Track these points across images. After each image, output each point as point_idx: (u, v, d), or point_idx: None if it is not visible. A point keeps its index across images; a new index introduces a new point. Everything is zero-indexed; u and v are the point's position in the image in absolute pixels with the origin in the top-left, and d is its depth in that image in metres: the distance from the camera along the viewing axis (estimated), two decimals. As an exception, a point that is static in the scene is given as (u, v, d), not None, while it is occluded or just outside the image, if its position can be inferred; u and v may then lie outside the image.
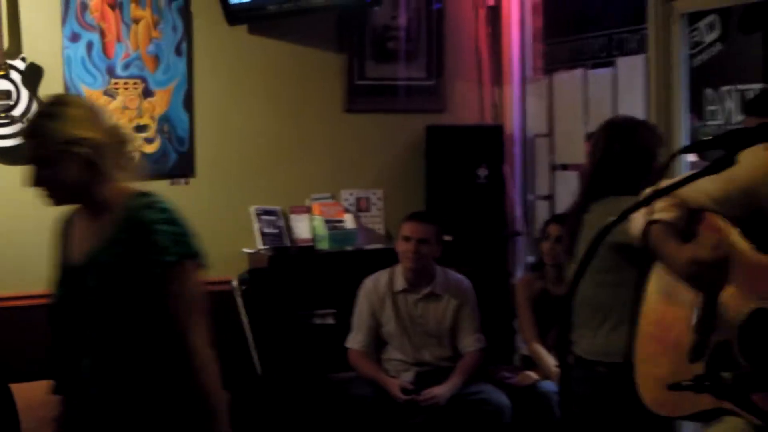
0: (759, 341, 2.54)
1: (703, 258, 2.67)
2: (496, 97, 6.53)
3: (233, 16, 5.81)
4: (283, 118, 6.08)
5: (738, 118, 4.90)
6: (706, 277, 2.68)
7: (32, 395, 4.76)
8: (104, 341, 2.97)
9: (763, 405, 2.32)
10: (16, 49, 5.44)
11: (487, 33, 6.50)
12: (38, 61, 5.50)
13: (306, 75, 6.12)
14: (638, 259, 3.59)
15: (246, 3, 5.80)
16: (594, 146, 4.11)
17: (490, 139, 6.31)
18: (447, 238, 5.68)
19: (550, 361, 5.22)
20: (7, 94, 5.43)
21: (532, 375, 5.37)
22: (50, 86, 5.50)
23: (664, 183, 2.53)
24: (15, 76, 5.42)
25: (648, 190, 2.54)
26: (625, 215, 2.35)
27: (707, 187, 2.72)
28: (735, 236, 2.71)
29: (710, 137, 3.91)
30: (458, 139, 6.24)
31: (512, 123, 6.49)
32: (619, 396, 3.75)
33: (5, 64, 5.41)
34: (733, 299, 2.66)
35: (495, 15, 6.48)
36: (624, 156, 3.94)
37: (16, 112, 5.43)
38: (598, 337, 3.90)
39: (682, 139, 5.21)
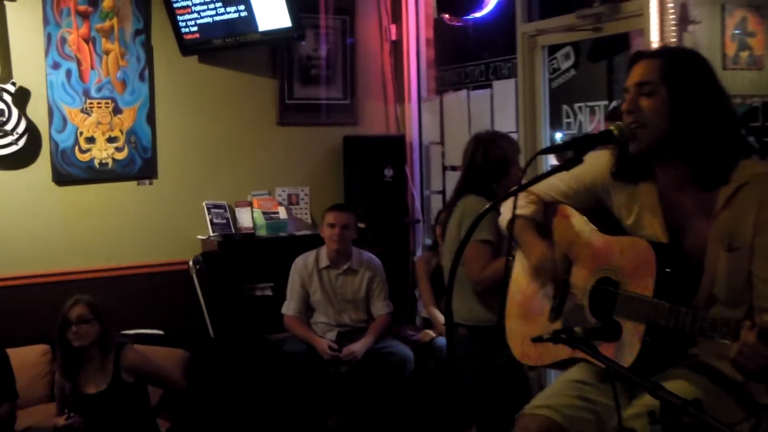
0: (603, 303, 2.55)
1: (542, 269, 2.81)
2: (399, 112, 6.58)
3: (186, 48, 5.82)
4: (228, 130, 6.09)
5: (588, 128, 4.99)
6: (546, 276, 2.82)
7: (25, 358, 4.77)
8: None
9: (606, 352, 2.24)
10: (7, 75, 5.34)
11: (390, 62, 6.56)
12: (26, 85, 5.45)
13: (246, 95, 6.13)
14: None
15: (196, 38, 5.75)
16: (464, 154, 4.20)
17: (394, 146, 6.37)
18: (361, 225, 5.72)
19: (443, 321, 5.21)
20: (0, 112, 5.39)
21: (430, 333, 5.46)
22: (36, 106, 5.48)
23: (525, 180, 2.55)
24: (7, 97, 5.32)
25: (514, 188, 2.51)
26: (494, 206, 2.47)
27: (559, 185, 2.76)
28: (581, 221, 2.74)
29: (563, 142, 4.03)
30: (369, 147, 6.28)
31: (412, 133, 6.54)
32: (475, 352, 3.97)
33: (-2, 87, 5.38)
34: (582, 271, 2.68)
35: (397, 48, 6.54)
36: (484, 163, 4.07)
37: (8, 127, 5.37)
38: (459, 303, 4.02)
39: (545, 144, 5.28)
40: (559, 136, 5.24)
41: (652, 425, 2.04)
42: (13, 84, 5.40)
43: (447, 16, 5.92)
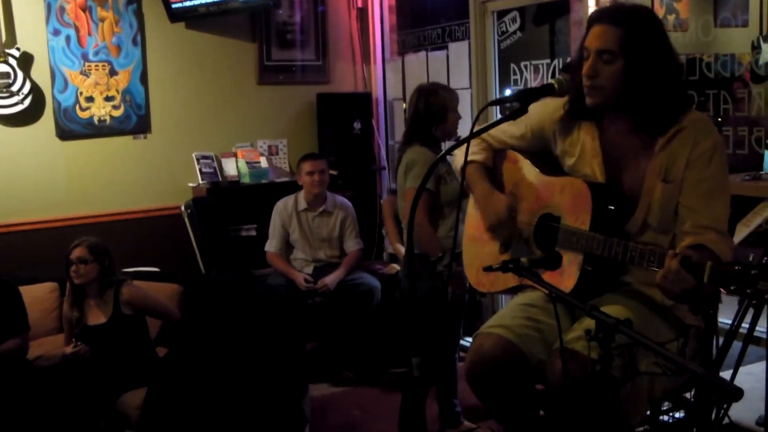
0: (546, 236, 2.57)
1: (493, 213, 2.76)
2: (365, 72, 6.54)
3: (174, 15, 5.74)
4: (213, 89, 6.03)
5: (533, 83, 5.00)
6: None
7: (35, 294, 4.73)
8: None
9: (549, 279, 2.27)
10: (11, 41, 5.31)
11: (357, 27, 6.50)
12: (29, 50, 5.39)
13: (229, 58, 6.07)
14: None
15: (183, 6, 5.68)
16: (409, 103, 4.14)
17: (362, 102, 6.33)
18: (333, 172, 5.72)
19: None
20: (7, 75, 5.29)
21: (395, 267, 5.43)
22: (39, 68, 5.43)
23: (477, 128, 2.50)
24: (12, 61, 5.29)
25: (466, 135, 2.46)
26: (450, 151, 2.46)
27: (509, 129, 2.73)
28: (527, 165, 2.74)
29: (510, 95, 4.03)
30: (339, 103, 6.24)
31: (377, 90, 6.51)
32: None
33: (4, 52, 5.28)
34: (528, 208, 2.68)
35: (363, 14, 6.49)
36: (426, 110, 3.99)
37: (14, 88, 5.31)
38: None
39: (495, 98, 5.24)
40: (507, 91, 5.23)
41: (588, 342, 2.06)
42: (18, 49, 5.36)
43: (407, -15, 5.86)
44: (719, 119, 3.83)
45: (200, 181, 5.84)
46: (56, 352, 4.14)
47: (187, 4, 5.70)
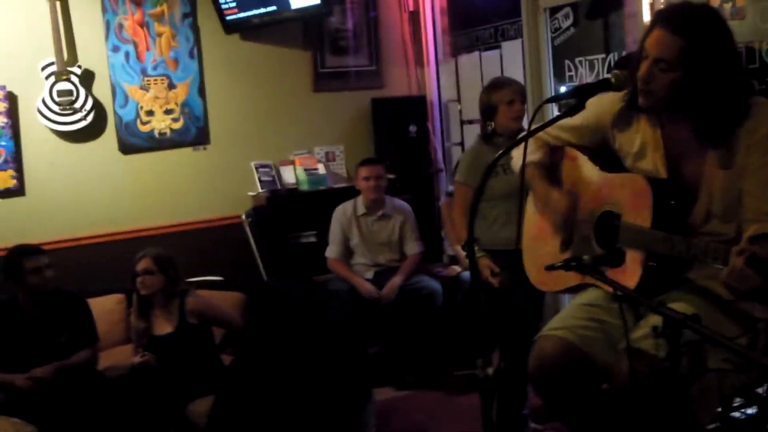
0: (607, 234, 2.55)
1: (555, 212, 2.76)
2: (419, 75, 6.50)
3: (229, 27, 5.76)
4: (269, 98, 6.03)
5: (588, 79, 4.91)
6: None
7: (103, 306, 4.78)
8: None
9: (613, 276, 2.25)
10: (73, 59, 5.40)
11: (409, 30, 6.45)
12: (90, 67, 5.46)
13: (283, 67, 6.07)
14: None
15: (237, 18, 5.71)
16: (480, 100, 4.13)
17: (416, 105, 6.32)
18: (391, 176, 5.69)
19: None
20: (69, 92, 5.38)
21: (456, 268, 5.41)
22: (100, 85, 5.50)
23: (534, 126, 2.49)
24: (74, 79, 5.34)
25: (523, 133, 2.51)
26: (507, 151, 2.43)
27: (566, 124, 2.68)
28: (586, 162, 2.72)
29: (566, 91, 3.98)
30: (394, 107, 6.23)
31: (431, 93, 6.46)
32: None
33: (66, 71, 5.37)
34: (588, 206, 2.66)
35: (415, 17, 6.43)
36: (480, 108, 4.09)
37: (77, 105, 5.40)
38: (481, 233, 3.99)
39: (550, 95, 5.19)
40: (563, 88, 5.16)
41: (655, 338, 2.02)
42: (79, 67, 5.41)
43: (458, -14, 5.83)
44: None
45: (260, 190, 5.85)
46: (125, 363, 4.20)
47: (242, 15, 5.72)
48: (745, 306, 2.41)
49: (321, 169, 6.06)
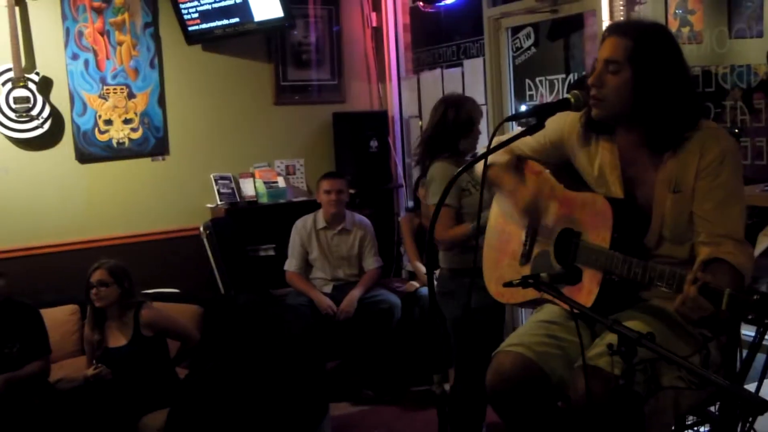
0: (566, 251, 2.56)
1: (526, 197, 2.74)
2: (381, 90, 6.54)
3: (190, 38, 5.79)
4: (230, 110, 6.04)
5: (548, 99, 4.98)
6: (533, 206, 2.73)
7: (56, 317, 4.73)
8: None
9: (569, 294, 2.24)
10: (31, 66, 5.36)
11: (372, 46, 6.52)
12: (49, 75, 5.43)
13: (245, 79, 6.09)
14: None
15: (200, 28, 5.72)
16: (434, 113, 4.00)
17: (378, 120, 6.33)
18: (351, 190, 5.69)
19: (425, 272, 5.10)
20: (26, 99, 5.32)
21: (415, 284, 5.44)
22: (59, 93, 5.46)
23: (495, 143, 2.51)
24: (32, 86, 5.31)
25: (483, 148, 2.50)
26: (467, 168, 2.40)
27: (529, 141, 2.70)
28: (549, 177, 2.73)
29: (526, 110, 3.98)
30: (355, 121, 6.25)
31: (393, 108, 6.50)
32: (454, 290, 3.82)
33: (24, 77, 5.31)
34: (549, 221, 2.67)
35: (378, 33, 6.50)
36: (454, 120, 3.90)
37: (34, 112, 5.34)
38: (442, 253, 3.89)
39: (510, 113, 5.20)
40: (523, 107, 5.20)
41: (610, 356, 2.03)
42: (37, 74, 5.39)
43: (421, 3, 5.87)
44: (737, 130, 3.79)
45: (218, 202, 5.85)
46: (77, 375, 4.14)
47: (204, 26, 5.74)
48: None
49: (281, 182, 6.07)
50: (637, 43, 2.36)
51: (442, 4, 5.72)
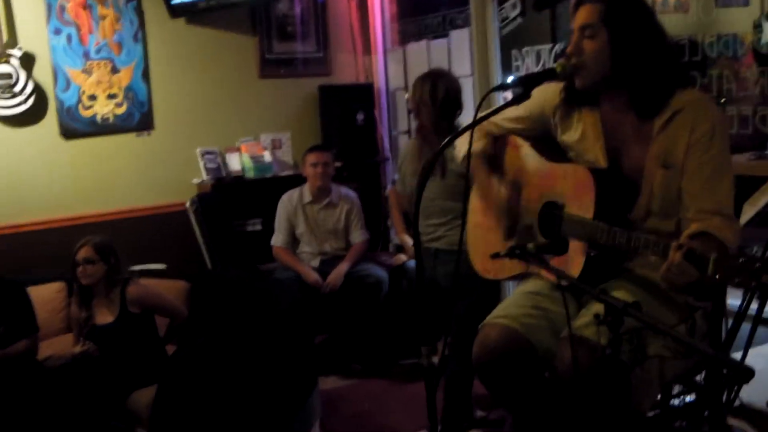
0: (550, 222, 2.58)
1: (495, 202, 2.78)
2: (367, 63, 6.50)
3: (174, 11, 5.69)
4: (215, 84, 5.98)
5: (535, 69, 4.95)
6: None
7: (43, 294, 4.72)
8: None
9: (557, 264, 2.28)
10: (13, 41, 5.27)
11: (357, 18, 6.44)
12: (31, 50, 5.35)
13: (230, 52, 6.03)
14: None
15: (183, 1, 5.64)
16: (423, 92, 3.96)
17: (364, 93, 6.27)
18: (338, 164, 5.67)
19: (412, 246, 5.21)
20: (9, 75, 5.27)
21: (402, 257, 5.37)
22: (41, 68, 5.40)
23: (480, 114, 2.47)
24: (14, 61, 5.25)
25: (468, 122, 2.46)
26: (451, 141, 2.41)
27: (509, 113, 2.72)
28: (529, 151, 2.74)
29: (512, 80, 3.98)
30: (341, 94, 6.19)
31: (379, 81, 6.45)
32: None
33: (5, 53, 5.25)
34: (531, 195, 2.69)
35: (363, 4, 6.42)
36: (446, 96, 3.90)
37: (17, 88, 5.30)
38: (456, 234, 3.86)
39: (497, 84, 5.15)
40: (510, 78, 5.17)
41: (597, 326, 2.04)
42: (20, 49, 5.31)
43: (407, -27, 5.83)
44: (723, 99, 3.80)
45: (204, 177, 5.81)
46: (65, 352, 4.13)
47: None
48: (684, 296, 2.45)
49: (267, 156, 6.03)
50: (609, 4, 2.40)
51: (428, -27, 5.70)
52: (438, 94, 3.93)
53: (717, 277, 1.96)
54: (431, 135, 3.95)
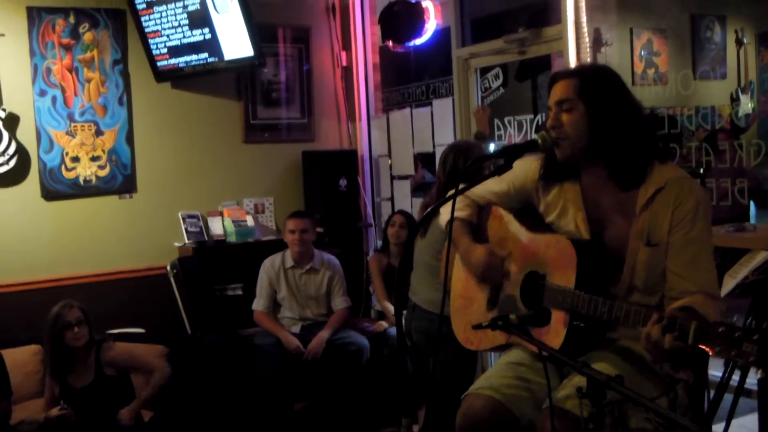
0: (533, 293, 2.56)
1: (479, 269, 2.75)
2: (350, 129, 6.54)
3: (160, 75, 5.77)
4: (199, 148, 6.01)
5: (517, 138, 5.00)
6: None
7: (18, 357, 4.64)
8: None
9: (538, 336, 2.29)
10: None
11: (342, 85, 6.52)
12: (15, 111, 5.39)
13: (214, 117, 6.07)
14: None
15: (168, 66, 5.71)
16: (444, 161, 3.98)
17: (347, 159, 6.33)
18: (320, 229, 5.68)
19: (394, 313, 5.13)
20: (-8, 135, 5.29)
21: (384, 324, 5.40)
22: (25, 129, 5.41)
23: (462, 186, 2.53)
24: None
25: (451, 192, 2.48)
26: (436, 209, 2.41)
27: (492, 187, 2.75)
28: (512, 221, 2.74)
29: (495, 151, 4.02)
30: (325, 160, 6.23)
31: (362, 147, 6.50)
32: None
33: (-11, 114, 5.28)
34: (513, 265, 2.67)
35: (348, 72, 6.51)
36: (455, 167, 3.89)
37: (0, 149, 5.31)
38: (432, 292, 3.89)
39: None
40: (492, 146, 5.21)
41: (579, 399, 2.03)
42: (4, 110, 5.35)
43: (391, 43, 5.91)
44: (701, 170, 3.84)
45: (186, 241, 5.80)
46: (38, 417, 4.06)
47: (173, 61, 5.72)
48: (665, 367, 2.43)
49: (249, 221, 6.03)
50: (583, 79, 2.47)
51: (412, 43, 5.76)
52: (446, 167, 3.96)
53: (697, 347, 1.95)
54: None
